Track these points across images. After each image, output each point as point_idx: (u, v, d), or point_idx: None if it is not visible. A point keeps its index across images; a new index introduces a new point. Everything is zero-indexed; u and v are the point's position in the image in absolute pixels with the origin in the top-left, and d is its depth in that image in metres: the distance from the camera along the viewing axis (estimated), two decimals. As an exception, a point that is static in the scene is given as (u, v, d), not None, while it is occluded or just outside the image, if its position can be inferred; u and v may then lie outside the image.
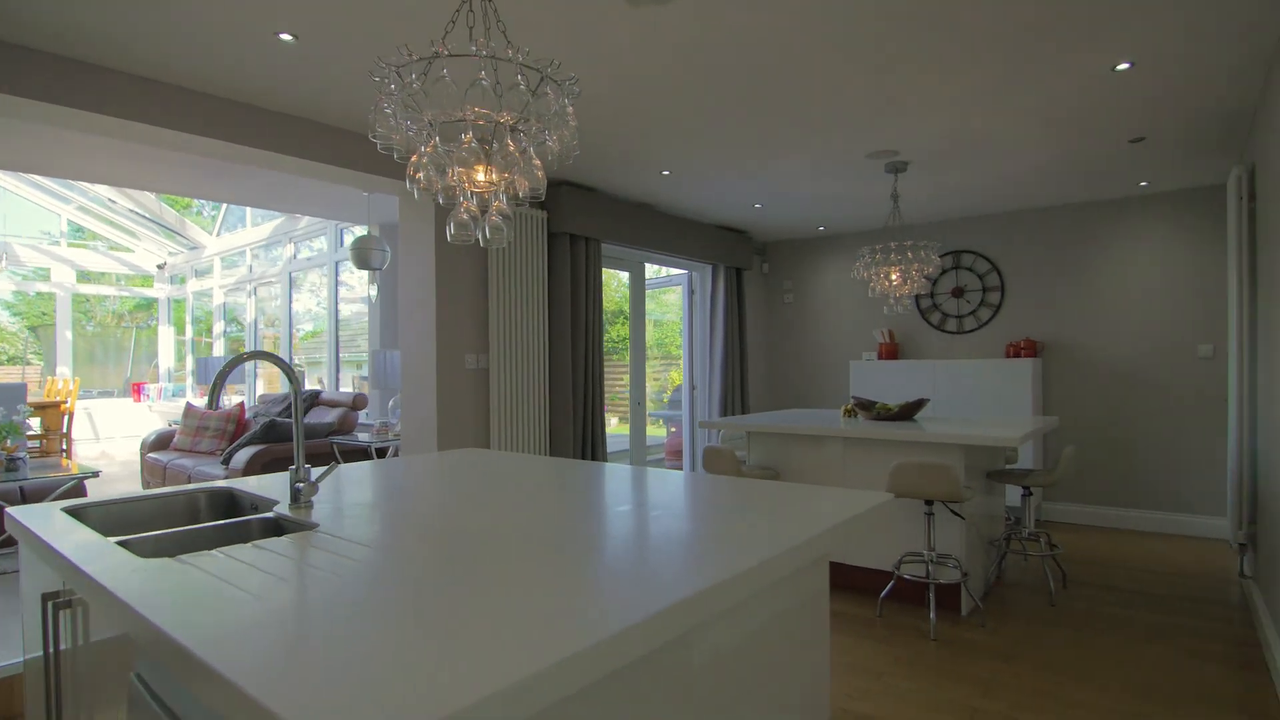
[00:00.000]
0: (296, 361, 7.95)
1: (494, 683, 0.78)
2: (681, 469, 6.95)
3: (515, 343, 4.49)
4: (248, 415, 6.08)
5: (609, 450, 8.45)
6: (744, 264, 6.71)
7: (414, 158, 1.68)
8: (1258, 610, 3.45)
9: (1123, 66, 3.08)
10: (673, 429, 7.59)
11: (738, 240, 6.66)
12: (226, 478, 4.00)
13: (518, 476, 2.13)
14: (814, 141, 4.04)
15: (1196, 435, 5.21)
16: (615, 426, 6.75)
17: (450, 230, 1.74)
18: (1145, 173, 4.78)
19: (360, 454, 4.75)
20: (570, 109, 1.70)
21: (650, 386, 8.55)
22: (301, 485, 1.74)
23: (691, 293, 6.74)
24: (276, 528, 1.72)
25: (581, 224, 4.83)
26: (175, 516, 2.03)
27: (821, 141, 4.04)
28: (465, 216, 1.75)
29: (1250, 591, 3.74)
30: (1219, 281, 5.13)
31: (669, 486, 1.95)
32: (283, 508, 1.76)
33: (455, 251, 4.21)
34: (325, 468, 1.86)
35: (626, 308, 6.12)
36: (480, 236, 1.80)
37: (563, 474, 2.16)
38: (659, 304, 8.44)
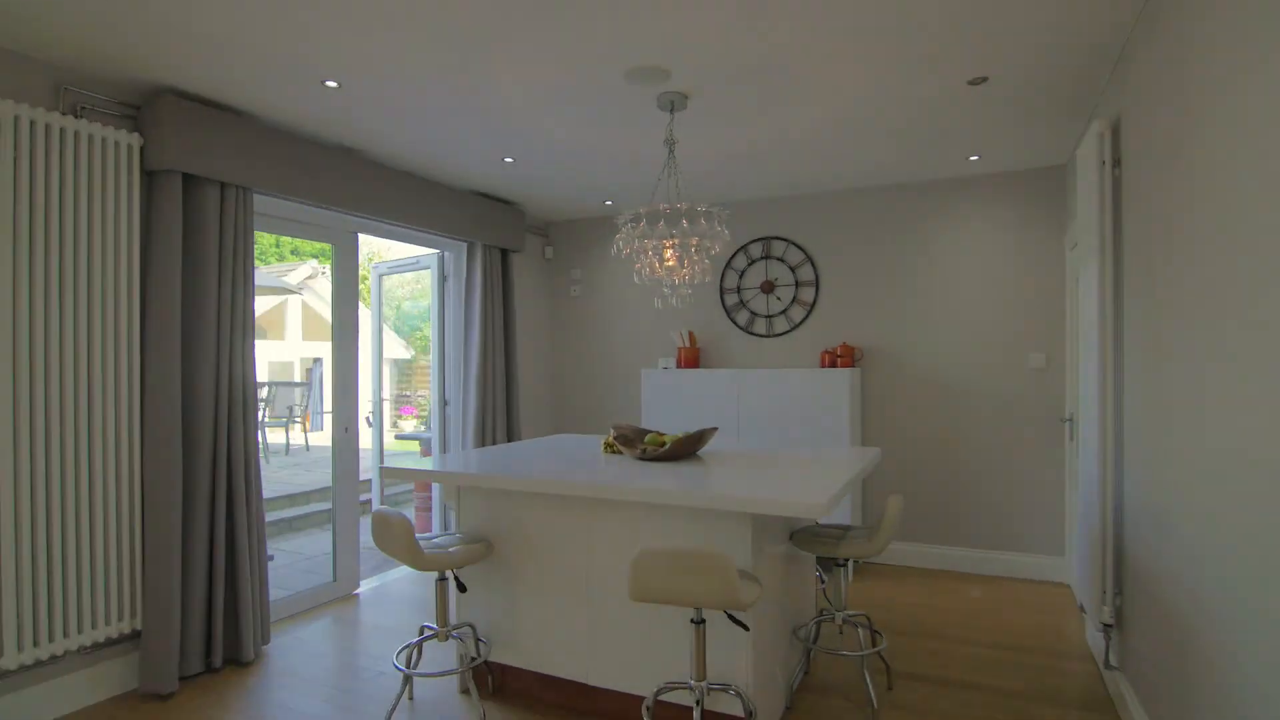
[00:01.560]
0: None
1: None
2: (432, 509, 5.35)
3: (66, 340, 2.68)
4: None
5: (315, 488, 6.66)
6: (514, 245, 5.23)
7: None
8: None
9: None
10: (427, 456, 5.96)
11: (504, 213, 5.16)
12: None
13: None
14: (544, 37, 2.62)
15: (1030, 463, 4.40)
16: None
17: None
18: (980, 138, 3.84)
19: None
20: None
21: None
22: None
23: (444, 279, 5.15)
24: None
25: (210, 161, 3.10)
26: None
27: (556, 38, 2.63)
28: None
29: (1121, 688, 2.78)
30: (1055, 280, 4.34)
31: None
32: None
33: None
34: None
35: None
36: None
37: None
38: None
